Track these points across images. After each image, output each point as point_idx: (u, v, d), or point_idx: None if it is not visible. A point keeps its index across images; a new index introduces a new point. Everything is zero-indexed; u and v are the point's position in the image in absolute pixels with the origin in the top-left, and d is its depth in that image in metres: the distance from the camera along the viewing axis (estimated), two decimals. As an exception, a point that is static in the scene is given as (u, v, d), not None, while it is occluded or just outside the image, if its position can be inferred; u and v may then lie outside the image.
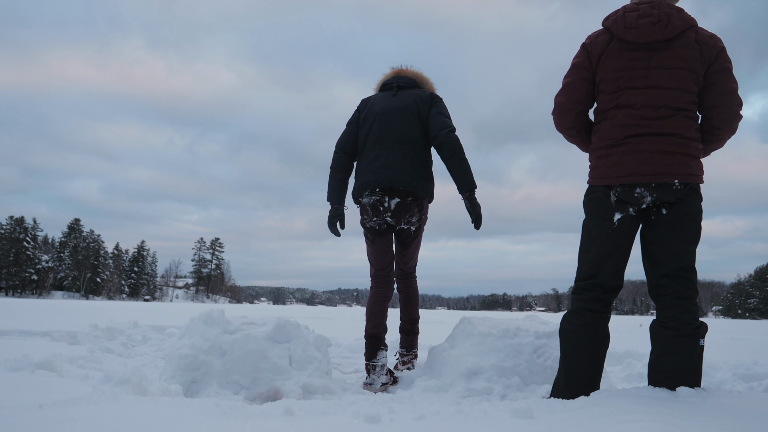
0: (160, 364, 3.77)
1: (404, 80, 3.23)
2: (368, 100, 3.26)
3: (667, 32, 2.13)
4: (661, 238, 2.20)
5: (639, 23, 2.15)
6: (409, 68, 3.32)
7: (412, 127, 3.06)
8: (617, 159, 2.19)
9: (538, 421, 1.76)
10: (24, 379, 2.38)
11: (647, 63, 2.16)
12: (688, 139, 2.16)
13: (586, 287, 2.28)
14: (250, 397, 2.66)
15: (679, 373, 2.09)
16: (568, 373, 2.26)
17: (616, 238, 2.23)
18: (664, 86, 2.14)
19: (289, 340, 2.93)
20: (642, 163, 2.15)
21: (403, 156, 3.02)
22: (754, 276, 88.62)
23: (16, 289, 69.06)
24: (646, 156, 2.14)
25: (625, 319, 32.01)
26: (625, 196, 2.19)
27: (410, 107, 3.08)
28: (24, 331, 5.39)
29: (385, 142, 3.05)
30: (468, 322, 3.22)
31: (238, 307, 23.85)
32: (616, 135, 2.20)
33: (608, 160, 2.22)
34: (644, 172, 2.15)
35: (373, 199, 3.05)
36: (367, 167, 3.08)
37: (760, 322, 36.79)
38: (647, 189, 2.16)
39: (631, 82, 2.17)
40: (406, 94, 3.16)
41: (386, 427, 1.69)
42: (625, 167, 2.17)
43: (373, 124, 3.12)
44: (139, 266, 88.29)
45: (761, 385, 2.67)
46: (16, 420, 1.52)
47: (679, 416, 1.64)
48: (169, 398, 2.06)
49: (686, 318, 2.12)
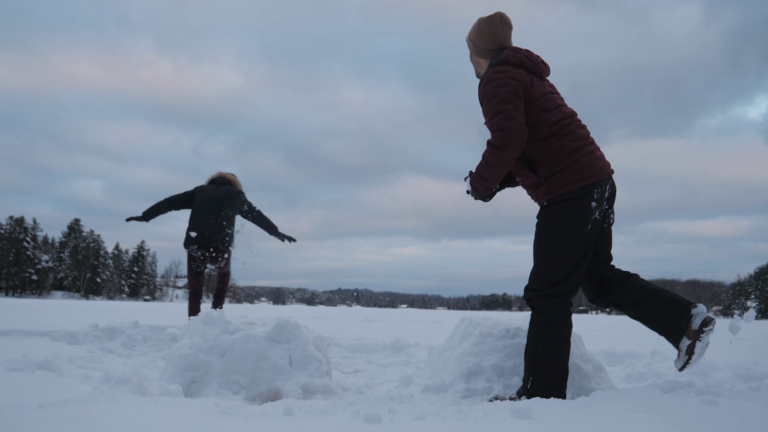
0: (160, 364, 3.77)
1: (223, 180, 5.37)
2: (201, 187, 5.35)
3: (548, 70, 2.68)
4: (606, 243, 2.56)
5: (539, 61, 2.63)
6: (227, 173, 5.47)
7: (225, 206, 5.17)
8: (587, 158, 2.44)
9: (538, 421, 1.76)
10: (24, 379, 2.37)
11: (553, 87, 2.64)
12: None
13: (564, 291, 2.43)
14: (250, 397, 2.66)
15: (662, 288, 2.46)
16: (556, 371, 2.39)
17: (589, 243, 2.43)
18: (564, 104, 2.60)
19: (289, 340, 2.93)
20: (603, 158, 2.50)
21: (215, 223, 5.10)
22: (754, 276, 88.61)
23: (16, 289, 69.05)
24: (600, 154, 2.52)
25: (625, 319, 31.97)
26: (601, 195, 2.43)
27: (225, 195, 5.23)
28: (24, 331, 5.39)
29: (208, 214, 5.14)
30: (468, 322, 3.22)
31: (238, 307, 23.85)
32: (585, 135, 2.51)
33: (585, 160, 2.43)
34: (608, 167, 2.49)
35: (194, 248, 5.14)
36: (195, 226, 5.12)
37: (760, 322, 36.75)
38: (609, 183, 2.48)
39: (560, 100, 2.60)
40: (223, 188, 5.28)
41: (386, 427, 1.69)
42: (594, 166, 2.44)
43: (204, 201, 5.21)
44: (139, 266, 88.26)
45: (761, 385, 2.67)
46: (16, 420, 1.52)
47: (679, 416, 1.64)
48: (169, 398, 2.06)
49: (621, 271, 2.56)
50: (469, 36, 2.72)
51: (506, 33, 2.65)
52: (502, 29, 2.63)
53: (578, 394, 2.63)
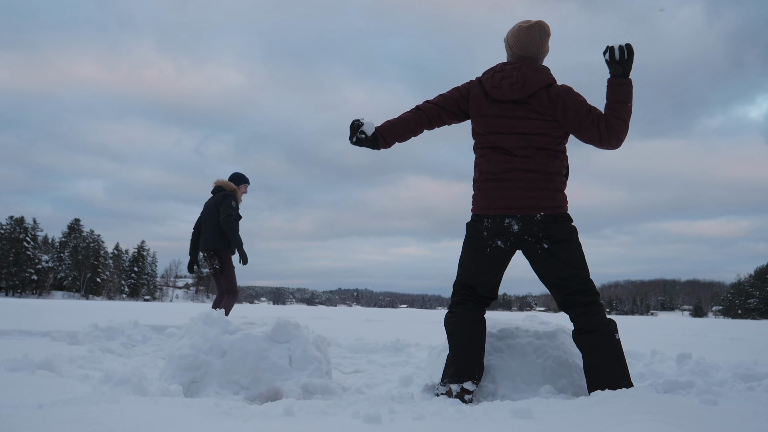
0: (160, 364, 3.77)
1: (217, 188, 5.67)
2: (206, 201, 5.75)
3: (524, 92, 2.52)
4: (553, 267, 2.53)
5: (502, 84, 2.56)
6: (221, 180, 5.74)
7: (215, 213, 5.49)
8: (491, 193, 2.56)
9: (538, 421, 1.76)
10: (24, 379, 2.38)
11: (513, 113, 2.55)
12: (551, 174, 2.54)
13: (464, 293, 2.66)
14: (250, 397, 2.65)
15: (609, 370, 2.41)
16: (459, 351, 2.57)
17: (488, 261, 2.60)
18: (529, 132, 2.52)
19: (289, 340, 2.93)
20: (512, 198, 2.52)
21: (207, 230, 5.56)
22: (754, 276, 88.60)
23: (16, 289, 69.05)
24: (517, 191, 2.51)
25: (626, 319, 32.00)
26: (496, 226, 2.54)
27: (215, 203, 5.56)
28: (24, 331, 5.39)
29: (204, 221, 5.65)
30: (468, 322, 3.21)
31: (238, 307, 23.85)
32: (492, 170, 2.56)
33: (485, 193, 2.58)
34: (513, 206, 2.52)
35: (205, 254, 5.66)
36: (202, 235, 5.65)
37: (760, 322, 36.79)
38: (514, 220, 2.52)
39: (500, 129, 2.56)
40: (215, 196, 5.60)
41: (386, 427, 1.69)
42: (497, 201, 2.54)
43: (203, 213, 5.69)
44: (139, 266, 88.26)
45: (761, 385, 2.66)
46: (16, 420, 1.52)
47: (679, 416, 1.64)
48: (169, 398, 2.06)
49: (597, 319, 2.48)
50: (506, 38, 2.74)
51: (542, 42, 2.66)
52: (540, 39, 2.65)
53: (578, 394, 2.63)
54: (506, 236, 2.55)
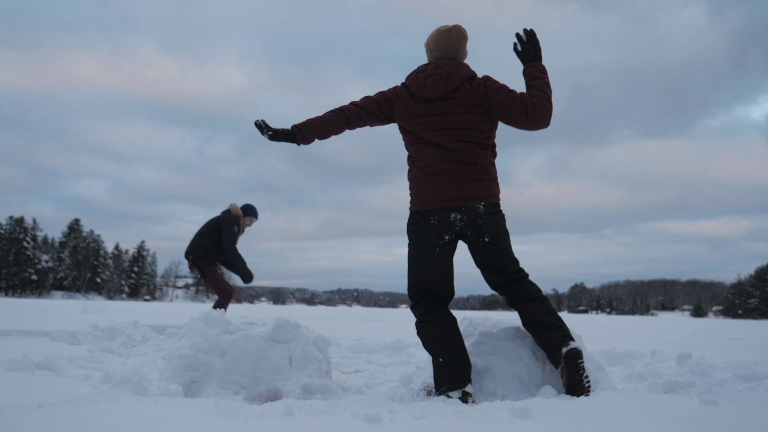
0: (160, 364, 3.77)
1: (227, 210, 6.00)
2: None
3: (448, 86, 2.60)
4: (492, 255, 2.63)
5: (426, 82, 2.62)
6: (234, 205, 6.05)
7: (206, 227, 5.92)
8: (435, 186, 2.58)
9: (538, 421, 1.76)
10: (24, 379, 2.38)
11: (441, 110, 2.61)
12: (486, 165, 2.62)
13: (428, 299, 2.65)
14: (250, 397, 2.66)
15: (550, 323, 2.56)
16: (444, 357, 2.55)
17: (441, 260, 2.62)
18: (458, 127, 2.59)
19: (289, 340, 2.93)
20: (458, 189, 2.57)
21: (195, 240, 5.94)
22: (754, 276, 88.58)
23: (16, 289, 69.04)
24: (460, 183, 2.57)
25: (626, 319, 31.99)
26: (442, 221, 2.57)
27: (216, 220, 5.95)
28: (24, 331, 5.40)
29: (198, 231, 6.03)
30: (468, 322, 3.21)
31: (238, 307, 23.85)
32: (432, 164, 2.59)
33: (429, 187, 2.59)
34: (459, 197, 2.56)
35: None
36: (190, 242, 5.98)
37: (760, 322, 36.77)
38: (458, 213, 2.57)
39: (431, 126, 2.62)
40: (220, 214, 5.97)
41: (386, 427, 1.69)
42: (442, 193, 2.57)
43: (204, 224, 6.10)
44: (139, 266, 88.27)
45: (761, 385, 2.66)
46: (16, 420, 1.52)
47: (679, 416, 1.64)
48: (169, 398, 2.06)
49: (537, 288, 2.68)
50: (426, 43, 2.84)
51: (461, 45, 2.75)
52: (457, 41, 2.75)
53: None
54: (452, 230, 2.59)
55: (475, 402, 2.47)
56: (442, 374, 2.54)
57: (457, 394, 2.46)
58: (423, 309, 2.65)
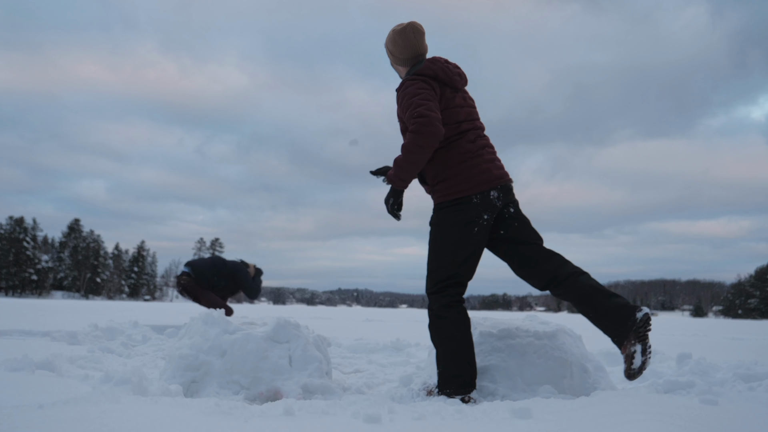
0: (160, 364, 3.77)
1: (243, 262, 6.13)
2: None
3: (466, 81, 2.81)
4: (527, 227, 2.68)
5: (459, 72, 2.76)
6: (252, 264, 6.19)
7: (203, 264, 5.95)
8: (481, 168, 2.60)
9: (538, 420, 1.76)
10: (24, 379, 2.38)
11: (465, 99, 2.76)
12: None
13: (450, 285, 2.60)
14: (250, 397, 2.66)
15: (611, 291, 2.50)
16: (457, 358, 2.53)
17: (475, 242, 2.59)
18: (475, 117, 2.76)
19: (289, 340, 2.93)
20: (499, 168, 2.67)
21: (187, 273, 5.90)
22: (754, 276, 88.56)
23: (16, 289, 69.04)
24: (497, 162, 2.69)
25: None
26: (485, 200, 2.58)
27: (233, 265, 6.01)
28: (24, 331, 5.39)
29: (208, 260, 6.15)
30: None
31: (238, 307, 23.85)
32: (472, 149, 2.63)
33: (471, 171, 2.60)
34: (500, 176, 2.63)
35: None
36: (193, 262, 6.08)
37: (760, 322, 36.78)
38: (496, 191, 2.61)
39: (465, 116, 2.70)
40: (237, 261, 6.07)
41: (386, 427, 1.69)
42: (486, 174, 2.60)
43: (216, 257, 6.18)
44: (139, 266, 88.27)
45: (761, 385, 2.66)
46: (16, 420, 1.52)
47: (679, 416, 1.64)
48: (169, 398, 2.06)
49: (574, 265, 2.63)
50: (385, 45, 2.85)
51: (419, 40, 2.76)
52: (415, 38, 2.75)
53: (578, 394, 2.63)
54: (493, 209, 2.61)
55: (476, 402, 2.47)
56: (450, 377, 2.52)
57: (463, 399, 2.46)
58: (444, 302, 2.58)
